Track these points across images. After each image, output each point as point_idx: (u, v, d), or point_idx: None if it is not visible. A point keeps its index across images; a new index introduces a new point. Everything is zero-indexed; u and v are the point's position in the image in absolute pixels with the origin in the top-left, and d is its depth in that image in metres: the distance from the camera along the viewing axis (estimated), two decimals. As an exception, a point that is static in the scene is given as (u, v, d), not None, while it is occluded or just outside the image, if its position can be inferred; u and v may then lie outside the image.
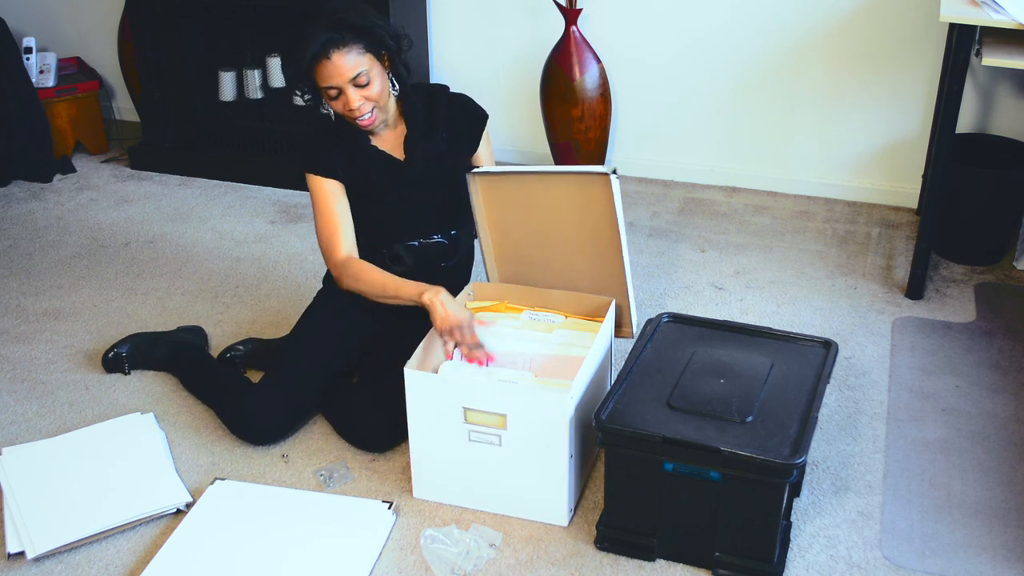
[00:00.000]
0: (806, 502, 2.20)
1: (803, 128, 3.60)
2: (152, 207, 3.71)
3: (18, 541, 2.10)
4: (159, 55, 3.84)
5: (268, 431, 2.39)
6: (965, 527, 2.12)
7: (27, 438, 2.46)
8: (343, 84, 2.22)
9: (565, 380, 2.12)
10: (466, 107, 2.46)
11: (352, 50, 2.20)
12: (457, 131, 2.44)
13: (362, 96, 2.24)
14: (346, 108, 2.25)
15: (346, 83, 2.22)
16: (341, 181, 2.38)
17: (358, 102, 2.24)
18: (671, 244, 3.34)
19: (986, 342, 2.75)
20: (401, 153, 2.40)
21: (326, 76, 2.21)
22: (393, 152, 2.40)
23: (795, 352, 2.20)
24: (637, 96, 3.75)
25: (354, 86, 2.23)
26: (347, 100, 2.23)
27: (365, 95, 2.25)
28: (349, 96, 2.23)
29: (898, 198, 3.56)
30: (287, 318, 2.92)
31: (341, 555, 2.04)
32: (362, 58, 2.21)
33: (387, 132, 2.40)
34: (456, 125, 2.43)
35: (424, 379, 2.10)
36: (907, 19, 3.33)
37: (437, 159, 2.40)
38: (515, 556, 2.07)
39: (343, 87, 2.22)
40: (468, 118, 2.46)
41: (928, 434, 2.40)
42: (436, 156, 2.40)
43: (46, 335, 2.90)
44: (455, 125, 2.43)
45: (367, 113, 2.27)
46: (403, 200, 2.40)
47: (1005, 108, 3.34)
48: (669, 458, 1.93)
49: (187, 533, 2.11)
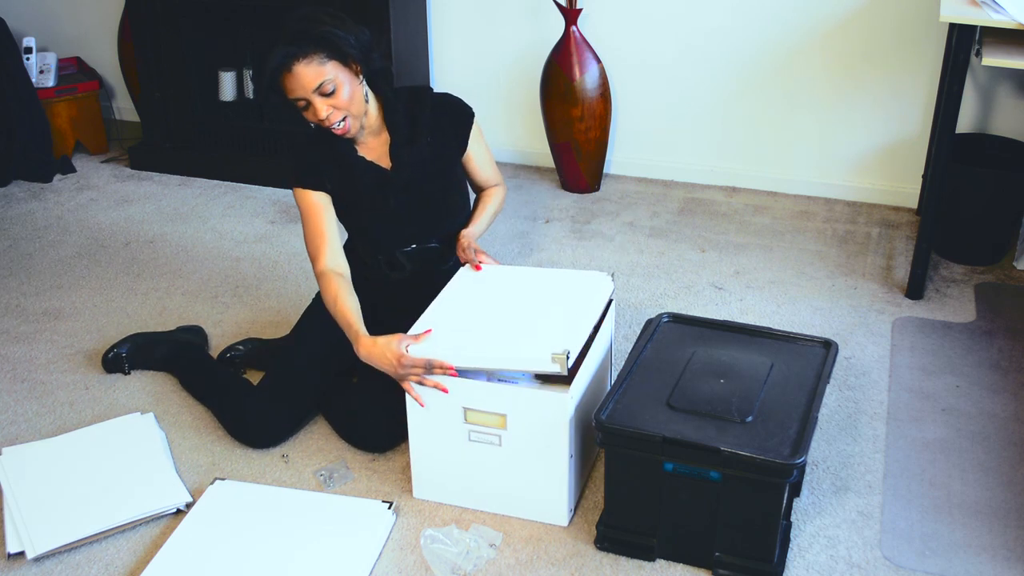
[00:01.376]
0: (806, 502, 2.20)
1: (803, 128, 3.60)
2: (152, 207, 3.71)
3: (18, 541, 2.10)
4: (159, 55, 3.85)
5: (268, 435, 2.39)
6: (965, 527, 2.12)
7: (27, 438, 2.46)
8: (308, 95, 2.20)
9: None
10: (450, 107, 2.45)
11: (313, 60, 2.18)
12: (443, 133, 2.42)
13: (329, 105, 2.22)
14: (316, 118, 2.24)
15: (310, 94, 2.20)
16: (329, 193, 2.37)
17: (326, 111, 2.22)
18: (671, 244, 3.34)
19: (986, 342, 2.75)
20: (388, 161, 2.39)
21: (291, 88, 2.20)
22: (380, 161, 2.39)
23: (795, 352, 2.20)
24: (637, 96, 3.75)
25: (320, 95, 2.20)
26: (315, 110, 2.22)
27: (333, 104, 2.22)
28: (316, 106, 2.21)
29: (898, 198, 3.56)
30: (287, 318, 2.93)
31: (341, 555, 2.04)
32: (324, 67, 2.19)
33: (372, 140, 2.39)
34: (441, 127, 2.42)
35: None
36: (907, 19, 3.33)
37: (423, 164, 2.39)
38: (515, 556, 2.07)
39: (309, 98, 2.20)
40: (453, 118, 2.44)
41: (928, 434, 2.40)
42: (422, 161, 2.39)
43: (46, 335, 2.90)
44: (440, 127, 2.42)
45: (338, 122, 2.25)
46: (393, 208, 2.39)
47: (1005, 108, 3.34)
48: (669, 458, 1.93)
49: (187, 533, 2.11)
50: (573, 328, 2.12)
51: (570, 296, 2.25)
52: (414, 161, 2.38)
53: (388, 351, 2.10)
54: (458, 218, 2.48)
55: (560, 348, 2.00)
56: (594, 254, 3.28)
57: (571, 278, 2.34)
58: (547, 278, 2.36)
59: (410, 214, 2.41)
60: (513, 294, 2.27)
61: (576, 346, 2.05)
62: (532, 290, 2.28)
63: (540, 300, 2.24)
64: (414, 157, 2.38)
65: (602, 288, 2.29)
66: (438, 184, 2.42)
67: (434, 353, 2.07)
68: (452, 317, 2.20)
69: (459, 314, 2.21)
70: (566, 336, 2.07)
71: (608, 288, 2.29)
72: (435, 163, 2.41)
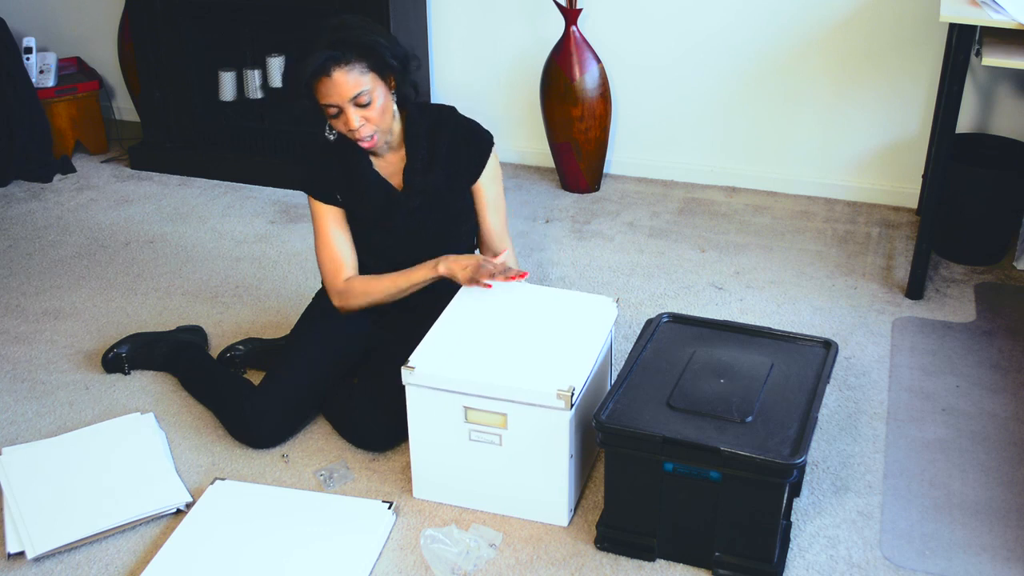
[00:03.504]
0: (806, 502, 2.20)
1: (803, 128, 3.60)
2: (152, 207, 3.71)
3: (18, 541, 2.11)
4: (159, 55, 3.84)
5: (268, 435, 2.39)
6: (965, 527, 2.12)
7: (27, 438, 2.46)
8: (343, 103, 2.16)
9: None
10: (471, 136, 2.40)
11: (354, 68, 2.14)
12: (459, 163, 2.38)
13: (363, 117, 2.19)
14: (346, 128, 2.20)
15: (346, 102, 2.16)
16: (340, 207, 2.36)
17: (358, 123, 2.19)
18: (671, 244, 3.34)
19: (986, 342, 2.75)
20: (400, 181, 2.36)
21: (326, 93, 2.16)
22: (392, 179, 2.36)
23: (795, 352, 2.20)
24: (637, 96, 3.75)
25: (355, 105, 2.17)
26: (347, 120, 2.18)
27: (366, 115, 2.19)
28: (349, 116, 2.18)
29: (898, 198, 3.56)
30: (287, 318, 2.93)
31: (341, 555, 2.04)
32: (364, 77, 2.16)
33: (390, 154, 2.36)
34: (458, 156, 2.38)
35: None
36: (907, 19, 3.33)
37: (435, 193, 2.37)
38: (515, 556, 2.07)
39: (343, 106, 2.17)
40: (471, 148, 2.39)
41: (928, 434, 2.40)
42: (434, 190, 2.36)
43: (46, 335, 2.90)
44: (457, 156, 2.38)
45: (368, 135, 2.22)
46: (398, 228, 2.38)
47: (1005, 108, 3.34)
48: (669, 458, 1.94)
49: (187, 533, 2.11)
50: (577, 359, 2.12)
51: (574, 322, 2.25)
52: (426, 189, 2.35)
53: (473, 256, 2.31)
54: (461, 248, 2.45)
55: (565, 384, 2.02)
56: (594, 254, 3.28)
57: (576, 301, 2.33)
58: (552, 300, 2.34)
59: (414, 236, 2.40)
60: (517, 316, 2.26)
61: (580, 381, 2.06)
62: (537, 313, 2.27)
63: (545, 325, 2.23)
64: (427, 185, 2.35)
65: (607, 314, 2.28)
66: (446, 214, 2.41)
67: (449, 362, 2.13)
68: (457, 338, 2.19)
69: (464, 335, 2.20)
70: (570, 368, 2.08)
71: (612, 314, 2.29)
72: (447, 194, 2.39)
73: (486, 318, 2.25)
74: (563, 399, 2.00)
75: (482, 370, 2.08)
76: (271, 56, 3.76)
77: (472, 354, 2.14)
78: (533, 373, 2.07)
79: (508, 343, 2.17)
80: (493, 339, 2.19)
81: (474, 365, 2.10)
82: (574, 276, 3.14)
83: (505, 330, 2.21)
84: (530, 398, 2.03)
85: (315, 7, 3.53)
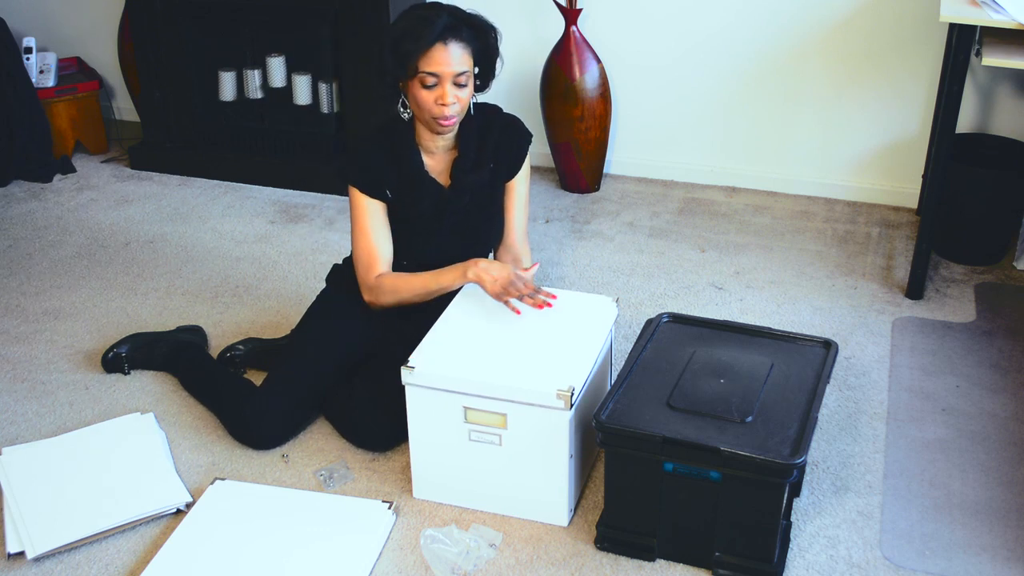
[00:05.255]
0: (806, 502, 2.20)
1: (803, 128, 3.60)
2: (152, 207, 3.71)
3: (18, 541, 2.11)
4: (159, 55, 3.84)
5: (268, 435, 2.39)
6: (965, 527, 2.12)
7: (27, 438, 2.46)
8: (447, 76, 2.17)
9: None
10: (516, 135, 2.41)
11: (468, 47, 2.19)
12: (503, 161, 2.40)
13: (456, 96, 2.20)
14: (437, 102, 2.20)
15: (450, 76, 2.18)
16: (387, 202, 2.36)
17: (452, 99, 2.19)
18: (671, 244, 3.34)
19: (986, 342, 2.75)
20: (447, 178, 2.37)
21: (436, 60, 2.16)
22: (440, 176, 2.37)
23: (795, 352, 2.20)
24: (637, 96, 3.75)
25: (454, 83, 2.19)
26: (442, 94, 2.18)
27: (458, 96, 2.21)
28: (446, 91, 2.18)
29: (898, 198, 3.56)
30: (287, 318, 2.93)
31: (341, 555, 2.04)
32: (470, 59, 2.20)
33: (442, 151, 2.36)
34: (504, 154, 2.40)
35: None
36: (907, 19, 3.33)
37: (480, 191, 2.38)
38: (515, 556, 2.07)
39: (445, 78, 2.18)
40: (516, 147, 2.41)
41: (928, 434, 2.40)
42: (480, 188, 2.38)
43: (46, 335, 2.90)
44: (503, 154, 2.39)
45: (452, 114, 2.22)
46: (440, 225, 2.38)
47: (1005, 108, 3.34)
48: (669, 458, 1.94)
49: (187, 533, 2.11)
50: (577, 359, 2.13)
51: (574, 322, 2.25)
52: (474, 187, 2.36)
53: (504, 267, 2.23)
54: (487, 249, 2.47)
55: (565, 384, 2.02)
56: (594, 254, 3.28)
57: (576, 301, 2.34)
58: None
59: (452, 232, 2.40)
60: (517, 317, 2.26)
61: (580, 380, 2.06)
62: (537, 313, 2.28)
63: (544, 325, 2.24)
64: (475, 184, 2.36)
65: (606, 314, 2.29)
66: (488, 213, 2.42)
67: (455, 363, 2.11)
68: (457, 338, 2.20)
69: (465, 335, 2.21)
70: (570, 368, 2.09)
71: (612, 314, 2.30)
72: (490, 192, 2.40)
73: (486, 318, 2.25)
74: (563, 399, 2.00)
75: (482, 370, 2.08)
76: (271, 56, 3.76)
77: (472, 354, 2.14)
78: (533, 373, 2.07)
79: (508, 343, 2.17)
80: (493, 339, 2.19)
81: (474, 365, 2.10)
82: (574, 276, 3.14)
83: (505, 330, 2.21)
84: (530, 398, 2.03)
85: (315, 7, 3.53)
